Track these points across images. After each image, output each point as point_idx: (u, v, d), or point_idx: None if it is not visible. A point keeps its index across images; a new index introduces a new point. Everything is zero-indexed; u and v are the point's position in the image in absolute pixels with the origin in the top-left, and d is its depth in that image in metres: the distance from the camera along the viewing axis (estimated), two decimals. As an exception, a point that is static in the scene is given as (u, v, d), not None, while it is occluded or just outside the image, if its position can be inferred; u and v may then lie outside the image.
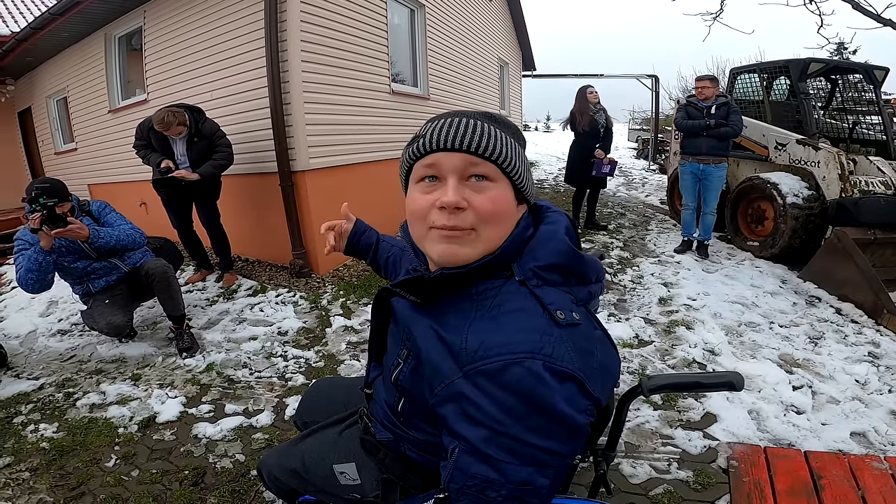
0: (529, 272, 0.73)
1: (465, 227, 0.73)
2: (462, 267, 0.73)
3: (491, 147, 0.73)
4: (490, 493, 0.63)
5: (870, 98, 5.31)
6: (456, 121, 0.76)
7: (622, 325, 3.30)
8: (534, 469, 0.63)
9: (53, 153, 7.30)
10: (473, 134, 0.73)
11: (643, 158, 14.46)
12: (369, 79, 4.75)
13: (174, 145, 3.62)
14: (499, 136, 0.75)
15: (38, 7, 7.95)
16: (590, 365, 0.68)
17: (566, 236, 0.77)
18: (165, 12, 4.61)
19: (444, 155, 0.74)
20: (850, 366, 2.80)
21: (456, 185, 0.73)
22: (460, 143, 0.73)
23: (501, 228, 0.75)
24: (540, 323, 0.67)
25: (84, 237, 2.65)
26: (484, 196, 0.73)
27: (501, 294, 0.72)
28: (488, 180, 0.74)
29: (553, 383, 0.63)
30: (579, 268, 0.76)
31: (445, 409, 0.69)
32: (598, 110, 5.29)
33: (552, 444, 0.63)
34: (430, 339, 0.73)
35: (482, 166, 0.73)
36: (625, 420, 1.09)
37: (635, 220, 6.50)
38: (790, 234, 4.42)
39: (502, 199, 0.74)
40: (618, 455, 2.06)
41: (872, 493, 1.40)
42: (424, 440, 0.86)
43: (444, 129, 0.75)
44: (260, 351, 3.04)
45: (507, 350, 0.65)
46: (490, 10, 9.35)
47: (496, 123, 0.78)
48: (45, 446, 2.18)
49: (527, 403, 0.63)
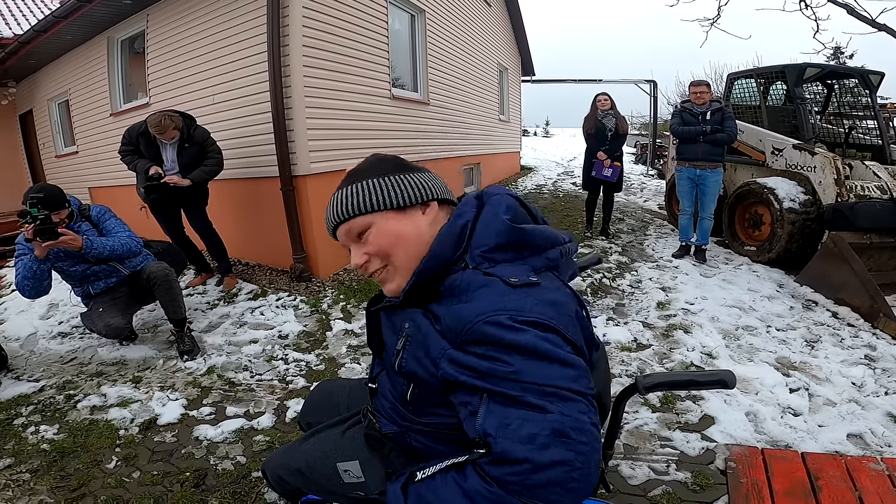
0: (479, 258, 0.81)
1: (379, 268, 0.89)
2: (412, 279, 0.84)
3: (347, 208, 0.89)
4: (529, 428, 0.65)
5: (866, 103, 5.35)
6: (328, 211, 0.94)
7: (621, 329, 3.31)
8: (564, 403, 0.67)
9: (54, 156, 7.31)
10: (335, 208, 0.91)
11: (642, 163, 14.51)
12: (370, 84, 4.78)
13: (164, 151, 3.59)
14: (352, 192, 0.89)
15: (40, 10, 7.98)
16: (560, 313, 0.75)
17: (505, 215, 0.84)
18: (168, 16, 4.64)
19: (338, 232, 0.93)
20: (847, 368, 2.83)
21: (355, 248, 0.91)
22: (332, 220, 0.92)
23: (405, 248, 0.87)
24: (499, 288, 0.76)
25: (77, 248, 2.64)
26: (369, 240, 0.88)
27: (463, 281, 0.79)
28: (368, 228, 0.88)
29: (528, 329, 0.70)
30: (526, 240, 0.84)
31: (453, 370, 0.74)
32: (606, 115, 5.31)
33: (563, 382, 0.68)
34: (424, 321, 0.82)
35: (353, 224, 0.89)
36: (622, 419, 1.11)
37: (634, 225, 6.53)
38: (787, 239, 4.45)
39: (381, 233, 0.88)
40: (616, 456, 2.08)
41: (870, 494, 1.41)
42: (435, 424, 0.89)
43: (327, 215, 0.95)
44: (261, 354, 3.05)
45: (477, 314, 0.73)
46: (489, 15, 9.41)
47: (354, 179, 0.91)
48: (46, 448, 2.19)
49: (514, 351, 0.69)
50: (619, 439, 2.19)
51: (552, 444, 0.64)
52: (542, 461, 0.63)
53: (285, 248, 4.12)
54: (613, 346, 3.09)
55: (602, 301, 3.86)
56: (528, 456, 0.64)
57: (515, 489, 0.64)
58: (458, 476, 0.71)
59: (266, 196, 4.19)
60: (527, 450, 0.64)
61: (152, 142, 3.54)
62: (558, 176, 11.94)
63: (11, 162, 8.35)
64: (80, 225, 2.81)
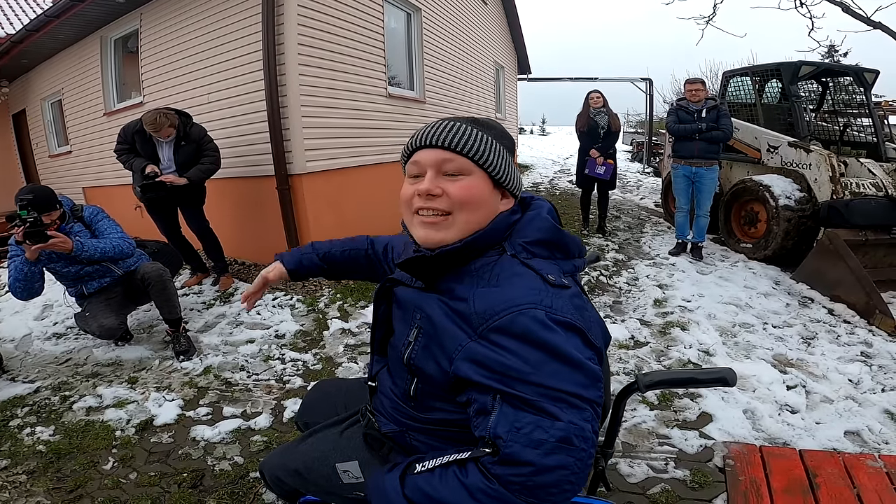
0: (519, 247, 0.83)
1: (440, 209, 0.84)
2: (458, 242, 0.82)
3: (463, 143, 0.84)
4: (539, 434, 0.67)
5: (860, 100, 5.38)
6: (439, 123, 0.87)
7: (618, 327, 3.32)
8: (574, 411, 0.68)
9: (48, 156, 7.26)
10: (448, 133, 0.85)
11: (638, 161, 14.54)
12: (366, 82, 4.77)
13: (160, 149, 3.55)
14: (475, 134, 0.85)
15: (33, 9, 7.92)
16: (587, 318, 0.76)
17: (548, 216, 0.88)
18: (162, 15, 4.61)
19: (424, 152, 0.86)
20: (843, 365, 2.84)
21: (432, 176, 0.85)
22: (436, 140, 0.85)
23: (475, 214, 0.84)
24: (536, 283, 0.76)
25: (67, 250, 2.61)
26: (457, 185, 0.84)
27: (497, 266, 0.81)
28: (463, 174, 0.84)
29: (559, 330, 0.70)
30: (562, 242, 0.87)
31: (467, 367, 0.74)
32: (598, 113, 5.32)
33: (577, 389, 0.69)
34: (441, 311, 0.81)
35: (456, 160, 0.84)
36: (622, 417, 1.11)
37: (630, 222, 6.54)
38: (783, 236, 4.46)
39: (474, 188, 0.84)
40: (615, 454, 2.08)
41: (868, 491, 1.42)
42: (437, 419, 0.88)
43: (427, 130, 0.87)
44: (257, 354, 3.03)
45: (512, 304, 0.73)
46: (485, 13, 9.40)
47: (479, 126, 0.87)
48: (42, 449, 2.17)
49: (540, 349, 0.69)
50: (619, 437, 2.19)
51: (557, 451, 0.67)
52: (546, 465, 0.67)
53: (281, 248, 4.09)
54: (611, 344, 3.09)
55: (599, 299, 3.86)
56: (534, 460, 0.67)
57: (516, 488, 0.68)
58: (459, 471, 0.73)
59: (262, 195, 4.17)
60: (534, 454, 0.67)
61: (148, 140, 3.50)
62: (555, 174, 11.96)
63: (5, 162, 8.29)
64: (71, 226, 2.79)
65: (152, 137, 3.49)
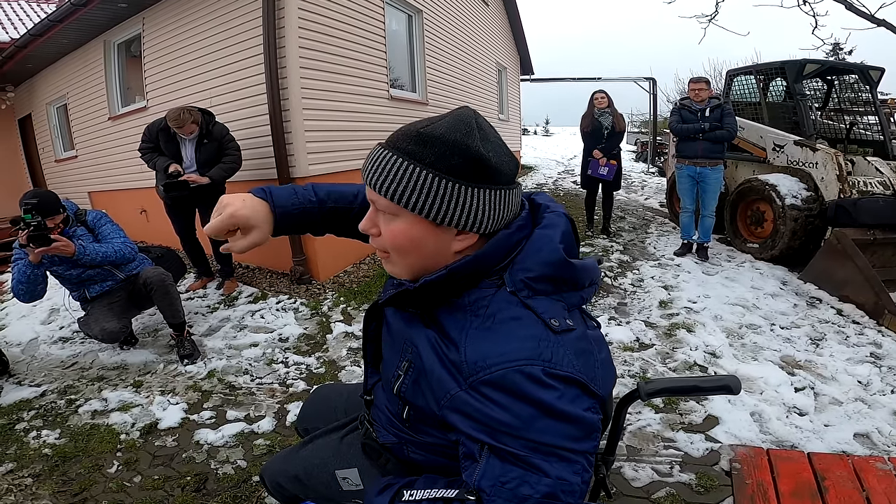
0: (520, 283, 0.72)
1: (380, 248, 0.78)
2: (443, 270, 0.73)
3: (381, 181, 0.71)
4: (525, 490, 0.63)
5: (866, 98, 5.33)
6: (370, 152, 0.75)
7: (623, 329, 3.29)
8: (563, 465, 0.64)
9: (54, 160, 7.32)
10: (370, 166, 0.73)
11: (642, 161, 14.49)
12: (368, 85, 4.77)
13: (183, 148, 3.59)
14: (397, 169, 0.70)
15: (37, 14, 7.99)
16: (591, 365, 0.70)
17: (561, 244, 0.74)
18: (164, 19, 4.63)
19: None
20: (852, 367, 2.80)
21: (372, 213, 0.78)
22: (364, 175, 0.75)
23: (411, 258, 0.75)
24: (536, 330, 0.68)
25: (69, 254, 2.64)
26: (388, 227, 0.75)
27: (493, 303, 0.72)
28: (392, 214, 0.74)
29: (556, 385, 0.65)
30: (572, 276, 0.75)
31: (455, 418, 0.70)
32: (602, 113, 5.30)
33: (568, 443, 0.65)
34: (431, 353, 0.74)
35: (379, 201, 0.74)
36: (623, 424, 1.09)
37: (635, 223, 6.51)
38: (790, 236, 4.42)
39: (400, 234, 0.74)
40: (618, 459, 2.06)
41: (877, 494, 1.39)
42: (432, 442, 0.86)
43: (365, 160, 0.76)
44: (261, 357, 3.03)
45: (506, 359, 0.66)
46: (487, 14, 9.39)
47: (414, 147, 0.70)
48: (48, 452, 2.18)
49: (533, 406, 0.64)
50: (622, 441, 2.18)
51: None
52: None
53: (285, 251, 4.11)
54: (615, 347, 3.07)
55: (604, 300, 3.84)
56: None
57: None
58: None
59: (265, 198, 4.17)
60: None
61: (172, 138, 3.53)
62: (558, 174, 11.94)
63: (11, 167, 8.36)
64: (75, 230, 2.82)
65: (176, 135, 3.52)
